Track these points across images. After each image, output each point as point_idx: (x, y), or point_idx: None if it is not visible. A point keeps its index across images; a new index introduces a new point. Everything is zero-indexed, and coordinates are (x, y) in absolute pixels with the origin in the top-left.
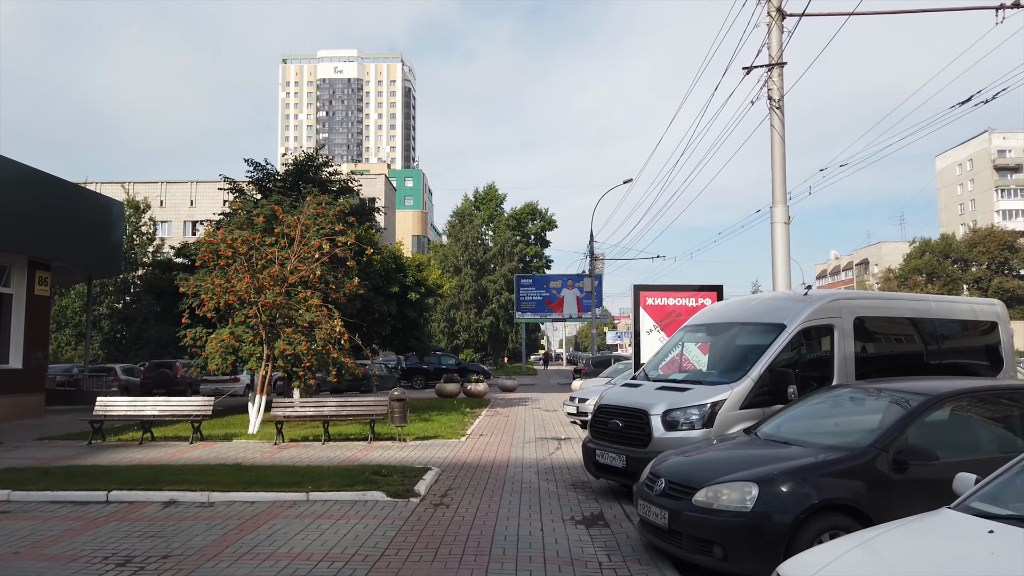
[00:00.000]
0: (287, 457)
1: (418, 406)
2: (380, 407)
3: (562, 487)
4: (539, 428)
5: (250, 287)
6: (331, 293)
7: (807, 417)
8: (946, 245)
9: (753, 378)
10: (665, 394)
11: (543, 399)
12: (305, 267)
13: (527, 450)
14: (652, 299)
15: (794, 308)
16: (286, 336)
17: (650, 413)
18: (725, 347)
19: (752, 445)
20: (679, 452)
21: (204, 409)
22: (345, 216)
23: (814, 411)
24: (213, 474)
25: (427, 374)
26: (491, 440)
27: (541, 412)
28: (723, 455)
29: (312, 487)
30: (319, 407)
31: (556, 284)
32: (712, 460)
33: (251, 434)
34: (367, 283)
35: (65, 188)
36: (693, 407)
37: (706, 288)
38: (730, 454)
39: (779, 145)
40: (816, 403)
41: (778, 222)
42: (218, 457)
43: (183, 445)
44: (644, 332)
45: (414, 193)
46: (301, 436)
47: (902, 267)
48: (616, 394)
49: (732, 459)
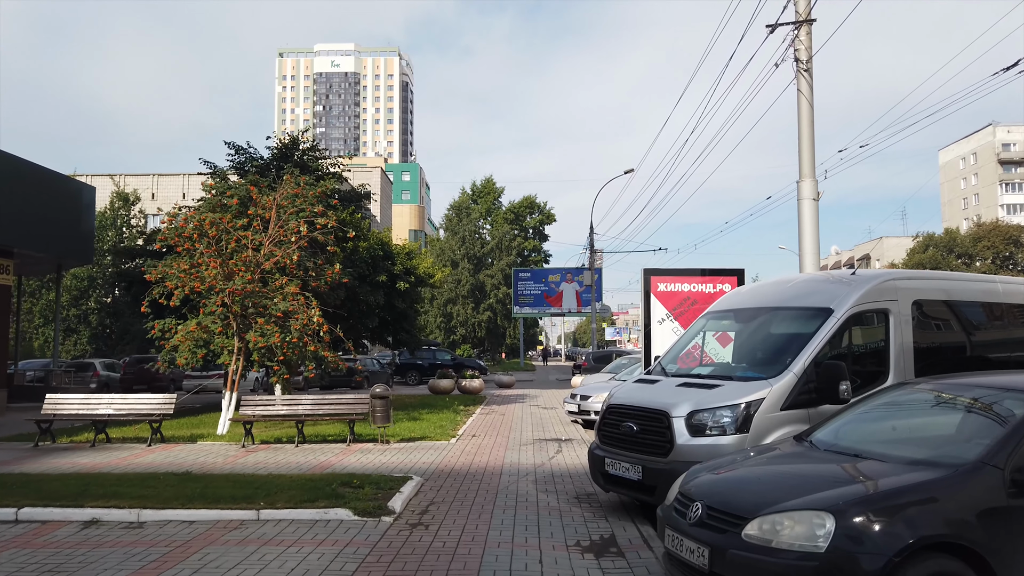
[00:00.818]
0: (251, 463)
1: (409, 403)
2: (361, 405)
3: (564, 501)
4: (537, 428)
5: (219, 273)
6: (311, 281)
7: (877, 421)
8: (950, 240)
9: (796, 373)
10: (689, 392)
11: (541, 396)
12: (281, 252)
13: (524, 454)
14: (664, 284)
15: (841, 290)
16: (258, 327)
17: (671, 415)
18: (758, 336)
19: (809, 457)
20: (715, 465)
21: (165, 408)
22: (328, 198)
23: (886, 414)
24: (153, 486)
25: (421, 370)
26: (484, 442)
27: (539, 410)
28: (775, 471)
29: (265, 503)
30: (293, 406)
31: (555, 278)
32: (763, 478)
33: (219, 435)
34: (351, 270)
35: (29, 170)
36: (724, 408)
37: (725, 272)
38: (784, 469)
39: (807, 112)
40: (886, 403)
41: (806, 198)
42: (173, 463)
43: (139, 448)
44: (655, 322)
45: (411, 187)
46: (274, 437)
47: (905, 262)
48: (629, 392)
49: (789, 477)
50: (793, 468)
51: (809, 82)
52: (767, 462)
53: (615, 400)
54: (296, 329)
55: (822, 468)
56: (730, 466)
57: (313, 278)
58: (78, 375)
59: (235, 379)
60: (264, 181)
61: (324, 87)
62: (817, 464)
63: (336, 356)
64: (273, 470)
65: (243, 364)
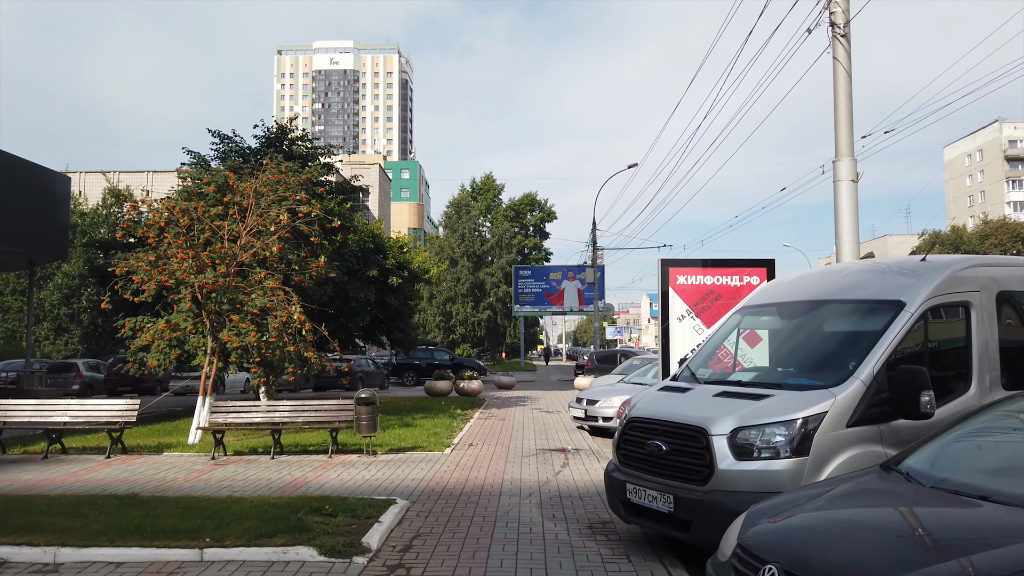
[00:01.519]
0: (216, 480)
1: (403, 406)
2: (345, 412)
3: (576, 531)
4: (540, 435)
5: (191, 266)
6: (293, 275)
7: (991, 446)
8: (956, 237)
9: (863, 380)
10: (730, 404)
11: (544, 398)
12: (260, 243)
13: (526, 468)
14: (684, 277)
15: (910, 279)
16: (233, 325)
17: (711, 432)
18: (809, 335)
19: (913, 499)
20: (785, 505)
21: (126, 415)
22: (313, 186)
23: (1002, 435)
24: (85, 514)
25: (419, 370)
26: (482, 452)
27: (542, 414)
28: (875, 519)
29: (212, 538)
30: (269, 412)
31: (556, 276)
32: (861, 531)
33: (190, 444)
34: (338, 263)
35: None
36: (777, 424)
37: (753, 263)
38: (887, 518)
39: (844, 83)
40: (997, 420)
41: (843, 179)
42: (126, 479)
43: (96, 460)
44: (674, 319)
45: (410, 185)
46: (249, 447)
47: None
48: (654, 402)
49: (898, 532)
50: (899, 516)
51: (847, 48)
52: (857, 503)
53: (638, 412)
54: (274, 328)
55: (940, 518)
56: (806, 507)
57: (296, 272)
58: (60, 376)
59: (209, 382)
60: (245, 167)
61: (323, 85)
62: (930, 510)
63: (321, 356)
64: (238, 489)
65: (217, 366)
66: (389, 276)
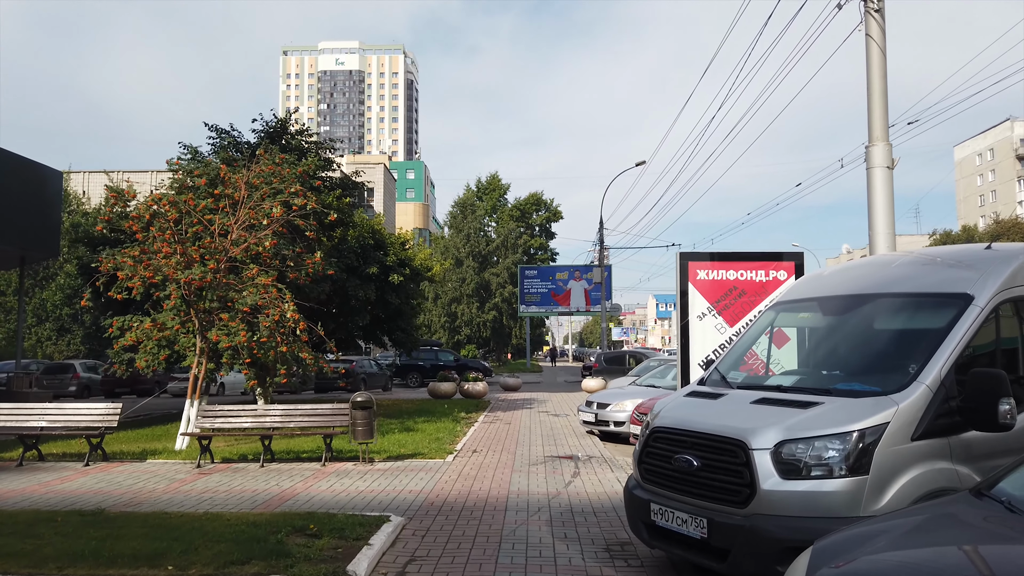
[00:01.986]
0: (196, 491)
1: (405, 409)
2: (340, 416)
3: (591, 554)
4: (548, 440)
5: (179, 262)
6: (288, 272)
7: None
8: (967, 238)
9: (929, 385)
10: (772, 412)
11: (551, 400)
12: (252, 237)
13: (534, 478)
14: (705, 272)
15: (974, 271)
16: (222, 324)
17: (751, 446)
18: (856, 333)
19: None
20: (859, 540)
21: (107, 420)
22: (310, 179)
23: None
24: (41, 534)
25: (423, 371)
26: (486, 460)
27: (549, 418)
28: (972, 563)
29: (176, 566)
30: (259, 417)
31: (563, 276)
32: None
33: (177, 451)
34: (336, 260)
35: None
36: (830, 436)
37: (780, 256)
38: (989, 562)
39: (878, 62)
40: None
41: (878, 165)
42: (100, 491)
43: (74, 468)
44: (694, 317)
45: (416, 185)
46: (238, 454)
47: None
48: (682, 410)
49: None
50: (1015, 567)
51: (881, 25)
52: (951, 540)
53: (664, 421)
54: (266, 327)
55: None
56: (889, 546)
57: (291, 269)
58: (56, 378)
59: (199, 384)
60: (239, 160)
61: (328, 85)
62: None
63: (319, 357)
64: (219, 503)
65: (208, 367)
66: (390, 274)
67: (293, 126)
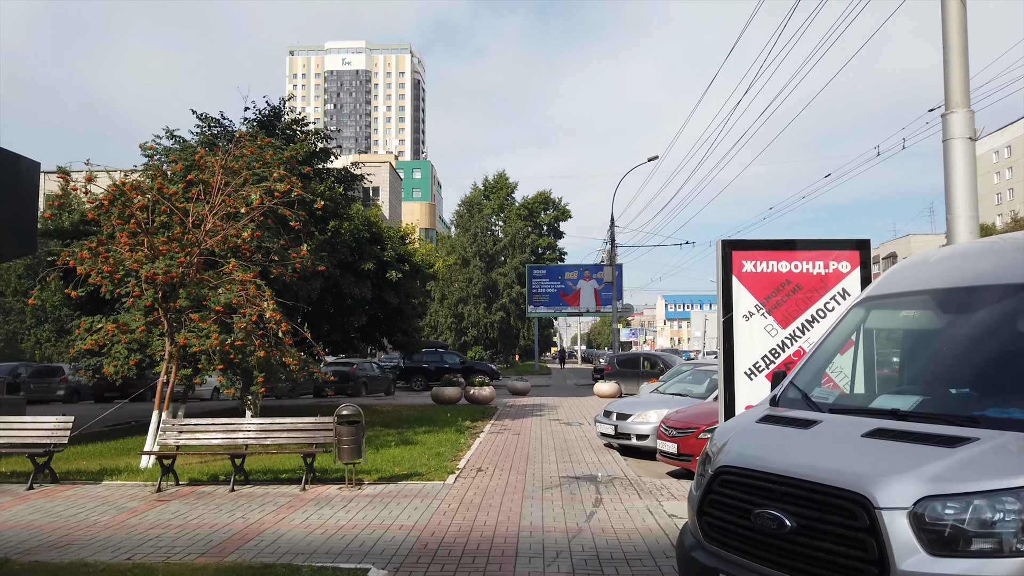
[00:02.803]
0: (147, 524)
1: (406, 417)
2: (324, 431)
3: None
4: (562, 455)
5: (146, 255)
6: (272, 268)
7: None
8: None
9: None
10: (900, 452)
11: (562, 406)
12: (230, 228)
13: (549, 507)
14: (752, 263)
15: None
16: (193, 325)
17: (877, 503)
18: (995, 338)
19: None
20: None
21: (56, 436)
22: (299, 165)
23: None
24: None
25: (428, 374)
26: (493, 483)
27: (561, 427)
28: None
29: None
30: (231, 431)
31: (572, 275)
32: None
33: (141, 469)
34: (326, 254)
35: None
36: (999, 493)
37: (841, 244)
38: None
39: (957, 14)
40: None
41: (957, 136)
42: (33, 523)
43: (14, 493)
44: (739, 317)
45: (422, 185)
46: (210, 473)
47: None
48: (759, 442)
49: None
50: None
51: None
52: None
53: (735, 458)
54: (240, 328)
55: None
56: None
57: (276, 263)
58: (44, 381)
59: (168, 393)
60: (220, 145)
61: (335, 85)
62: None
63: (308, 362)
64: (164, 545)
65: (183, 372)
66: (388, 270)
67: (287, 115)
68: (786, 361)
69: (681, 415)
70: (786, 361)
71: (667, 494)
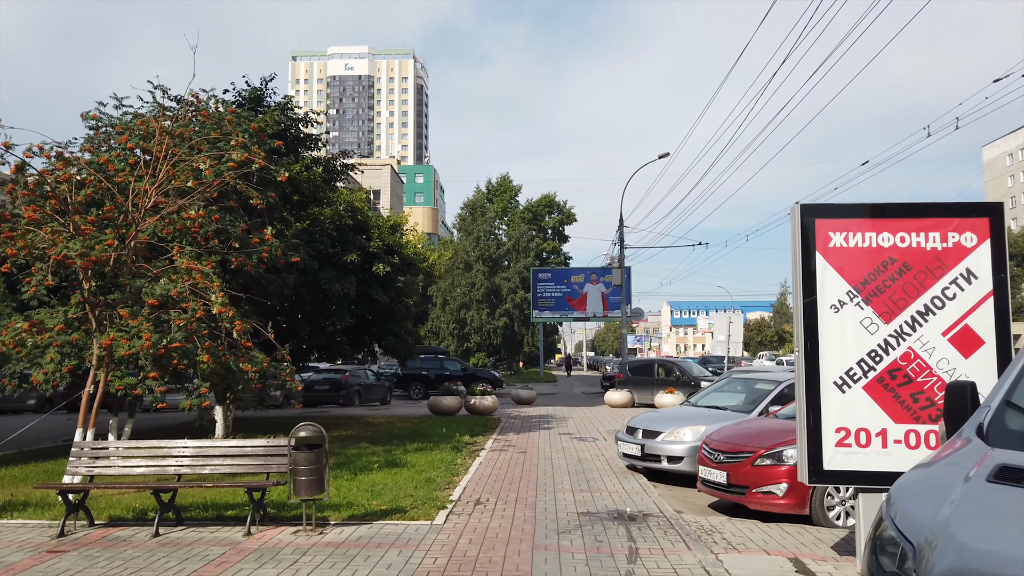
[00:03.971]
0: None
1: (398, 431)
2: (276, 458)
3: None
4: (578, 481)
5: (70, 235)
6: (233, 256)
7: None
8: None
9: None
10: None
11: (572, 417)
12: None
13: (568, 564)
14: (842, 235)
15: None
16: (121, 323)
17: None
18: None
19: None
20: None
21: None
22: (269, 139)
23: None
24: None
25: (427, 381)
26: (494, 523)
27: (573, 443)
28: None
29: None
30: (160, 457)
31: (578, 278)
32: None
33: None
34: (300, 242)
35: None
36: None
37: (965, 210)
38: None
39: None
40: None
41: None
42: None
43: None
44: (826, 307)
45: (425, 189)
46: (134, 511)
47: None
48: (998, 526)
49: None
50: None
51: None
52: None
53: (967, 560)
54: (179, 326)
55: None
56: None
57: (237, 251)
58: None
59: (93, 407)
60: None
61: (338, 90)
62: None
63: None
64: None
65: (104, 380)
66: (374, 263)
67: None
68: (892, 367)
69: (727, 434)
70: (892, 367)
71: (722, 541)
